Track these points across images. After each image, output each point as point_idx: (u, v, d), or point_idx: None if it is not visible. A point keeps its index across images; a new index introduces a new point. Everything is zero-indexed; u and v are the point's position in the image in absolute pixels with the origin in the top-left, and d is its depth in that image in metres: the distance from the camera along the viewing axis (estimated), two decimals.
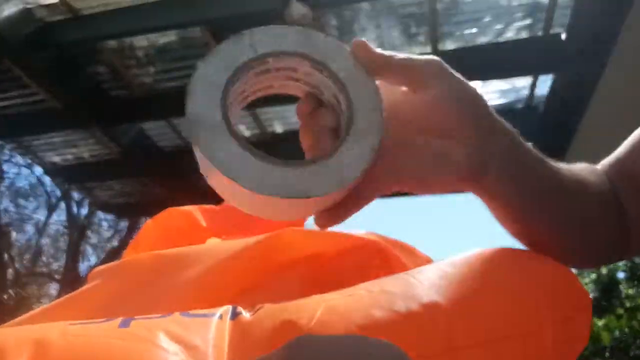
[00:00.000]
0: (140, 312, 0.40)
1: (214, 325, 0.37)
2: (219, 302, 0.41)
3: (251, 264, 0.53)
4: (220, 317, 0.38)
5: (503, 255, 0.46)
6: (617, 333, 4.07)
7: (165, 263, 0.56)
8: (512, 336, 0.38)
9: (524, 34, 2.90)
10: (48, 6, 2.80)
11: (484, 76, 3.10)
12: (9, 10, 2.69)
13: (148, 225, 0.73)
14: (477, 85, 3.09)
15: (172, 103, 3.45)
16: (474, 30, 2.90)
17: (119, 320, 0.36)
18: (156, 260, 0.57)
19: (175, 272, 0.53)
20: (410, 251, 0.62)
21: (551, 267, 0.44)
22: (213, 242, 0.66)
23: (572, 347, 0.41)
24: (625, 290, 6.21)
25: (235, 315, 0.39)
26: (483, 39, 2.96)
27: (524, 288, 0.41)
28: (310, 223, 0.77)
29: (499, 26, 2.87)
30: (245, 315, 0.39)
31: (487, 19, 2.82)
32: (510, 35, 2.92)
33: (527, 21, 2.82)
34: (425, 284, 0.40)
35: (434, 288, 0.39)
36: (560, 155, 3.98)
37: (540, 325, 0.38)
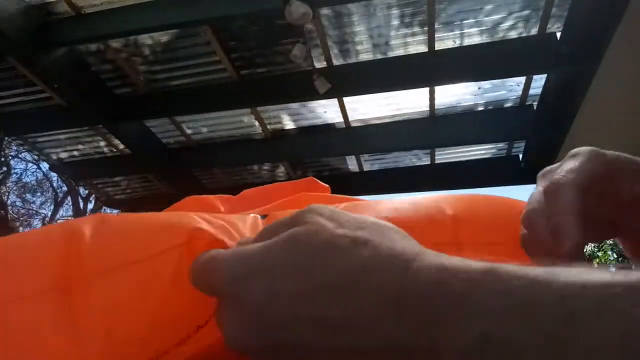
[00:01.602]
0: None
1: (249, 219, 0.44)
2: None
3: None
4: (253, 216, 0.46)
5: (500, 197, 0.54)
6: None
7: None
8: (507, 242, 0.45)
9: (520, 34, 2.90)
10: (52, 4, 2.82)
11: (480, 75, 3.10)
12: (13, 8, 2.71)
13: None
14: (472, 84, 3.02)
15: (176, 101, 3.48)
16: (470, 29, 2.90)
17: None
18: None
19: None
20: None
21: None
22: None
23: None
24: None
25: (264, 217, 0.47)
26: (479, 39, 2.96)
27: (517, 211, 0.48)
28: None
29: (494, 25, 2.87)
30: (275, 213, 0.47)
31: (482, 18, 2.82)
32: (505, 34, 2.92)
33: (523, 21, 2.82)
34: (435, 199, 0.49)
35: (442, 200, 0.48)
36: (554, 153, 3.96)
37: None
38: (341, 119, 3.74)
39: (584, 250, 0.40)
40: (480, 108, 3.61)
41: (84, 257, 0.33)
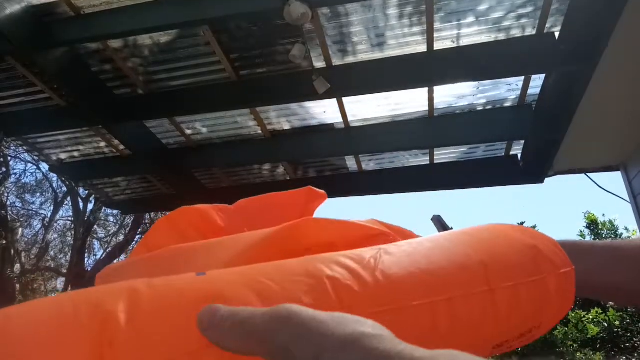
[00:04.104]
0: None
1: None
2: None
3: (271, 251, 0.55)
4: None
5: (509, 226, 0.57)
6: (605, 325, 4.12)
7: (191, 253, 0.59)
8: (527, 282, 0.48)
9: (519, 33, 2.91)
10: (52, 5, 2.83)
11: (479, 75, 3.10)
12: (13, 8, 2.71)
13: (161, 223, 0.73)
14: (471, 84, 3.05)
15: (176, 101, 3.48)
16: (469, 29, 2.91)
17: (194, 273, 0.41)
18: (182, 251, 0.60)
19: (201, 259, 0.56)
20: (411, 237, 0.65)
21: (545, 237, 0.55)
22: (235, 235, 0.67)
23: (568, 295, 0.52)
24: None
25: None
26: (478, 38, 2.97)
27: (529, 247, 0.51)
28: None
29: (493, 25, 2.88)
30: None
31: (481, 18, 2.83)
32: (504, 34, 2.93)
33: (522, 20, 2.82)
34: (455, 242, 0.50)
35: (465, 244, 0.49)
36: (552, 153, 3.95)
37: (545, 275, 0.50)
38: (340, 119, 3.74)
39: None
40: (479, 108, 3.62)
41: (118, 348, 0.32)
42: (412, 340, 0.40)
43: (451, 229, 0.78)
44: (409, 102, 3.57)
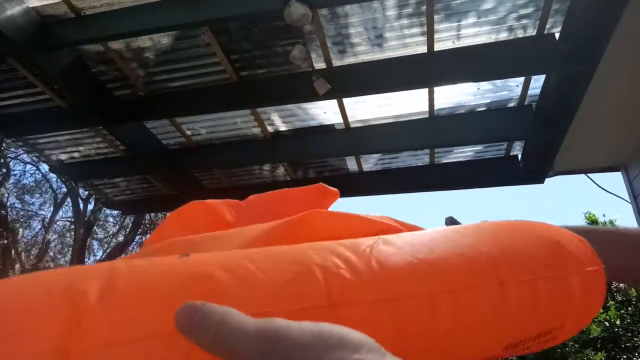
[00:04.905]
0: None
1: None
2: None
3: (278, 242, 0.55)
4: None
5: (525, 222, 0.53)
6: (606, 324, 4.12)
7: (196, 244, 0.58)
8: (546, 277, 0.44)
9: (519, 34, 2.91)
10: (52, 6, 2.83)
11: (480, 76, 3.11)
12: (13, 9, 2.71)
13: (172, 217, 0.74)
14: (471, 84, 3.06)
15: (176, 102, 3.48)
16: (469, 30, 2.91)
17: (177, 255, 0.40)
18: (187, 243, 0.59)
19: (209, 249, 0.55)
20: None
21: (571, 235, 0.51)
22: (240, 228, 0.67)
23: (597, 295, 0.48)
24: (616, 283, 6.22)
25: None
26: (478, 39, 2.97)
27: (550, 242, 0.48)
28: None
29: (493, 26, 2.88)
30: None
31: (481, 19, 2.83)
32: (504, 35, 2.93)
33: (522, 21, 2.82)
34: (465, 233, 0.47)
35: (475, 237, 0.46)
36: (553, 153, 3.94)
37: (567, 271, 0.46)
38: (341, 120, 3.74)
39: None
40: (480, 108, 3.62)
41: (86, 327, 0.31)
42: (411, 336, 0.39)
43: None
44: (409, 102, 3.57)
